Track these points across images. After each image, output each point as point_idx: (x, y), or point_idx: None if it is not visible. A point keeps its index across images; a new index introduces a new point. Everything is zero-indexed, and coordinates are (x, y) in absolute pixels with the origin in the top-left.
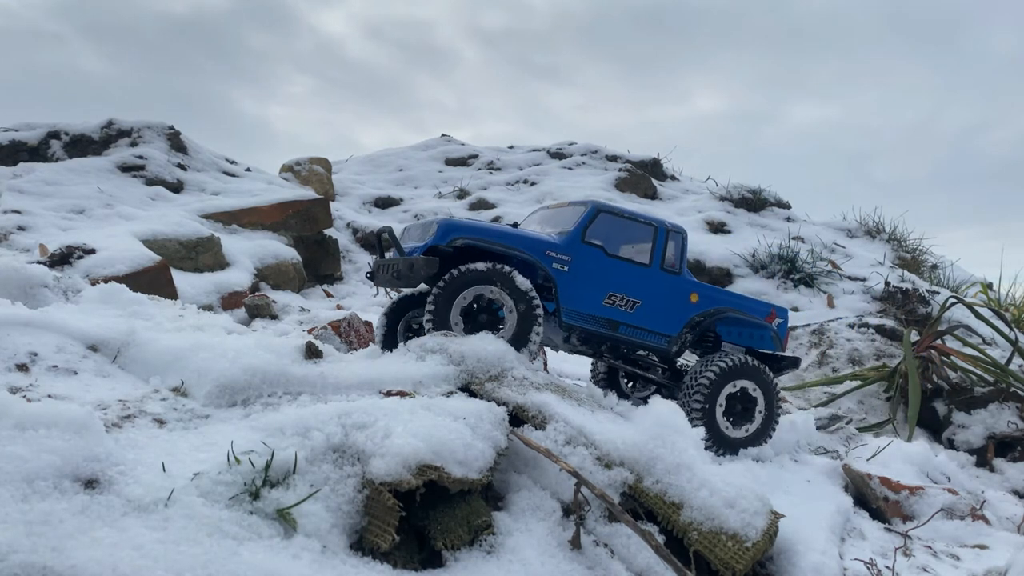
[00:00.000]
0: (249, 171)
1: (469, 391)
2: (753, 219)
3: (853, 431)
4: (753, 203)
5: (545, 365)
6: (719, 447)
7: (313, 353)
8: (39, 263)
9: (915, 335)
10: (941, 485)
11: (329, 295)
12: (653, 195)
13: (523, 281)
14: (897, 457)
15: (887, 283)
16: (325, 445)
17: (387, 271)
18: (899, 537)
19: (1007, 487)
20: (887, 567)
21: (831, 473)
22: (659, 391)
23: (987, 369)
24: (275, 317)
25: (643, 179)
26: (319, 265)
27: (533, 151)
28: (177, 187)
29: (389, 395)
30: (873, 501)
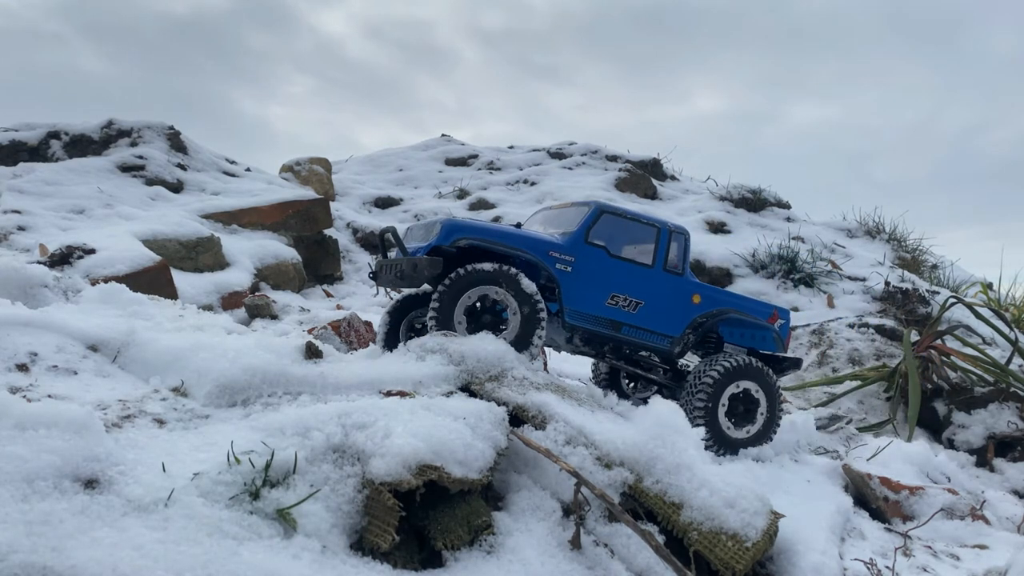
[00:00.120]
0: (249, 171)
1: (469, 391)
2: (753, 219)
3: (853, 431)
4: (753, 203)
5: (545, 365)
6: (720, 447)
7: (313, 353)
8: (39, 263)
9: (915, 335)
10: (941, 485)
11: (329, 295)
12: (653, 195)
13: (528, 284)
14: (897, 457)
15: (887, 283)
16: (325, 445)
17: (390, 271)
18: (899, 537)
19: (1007, 487)
20: (887, 567)
21: (831, 473)
22: (660, 391)
23: (987, 369)
24: (275, 317)
25: (643, 179)
26: (319, 265)
27: (533, 151)
28: (177, 187)
29: (389, 395)
30: (873, 501)
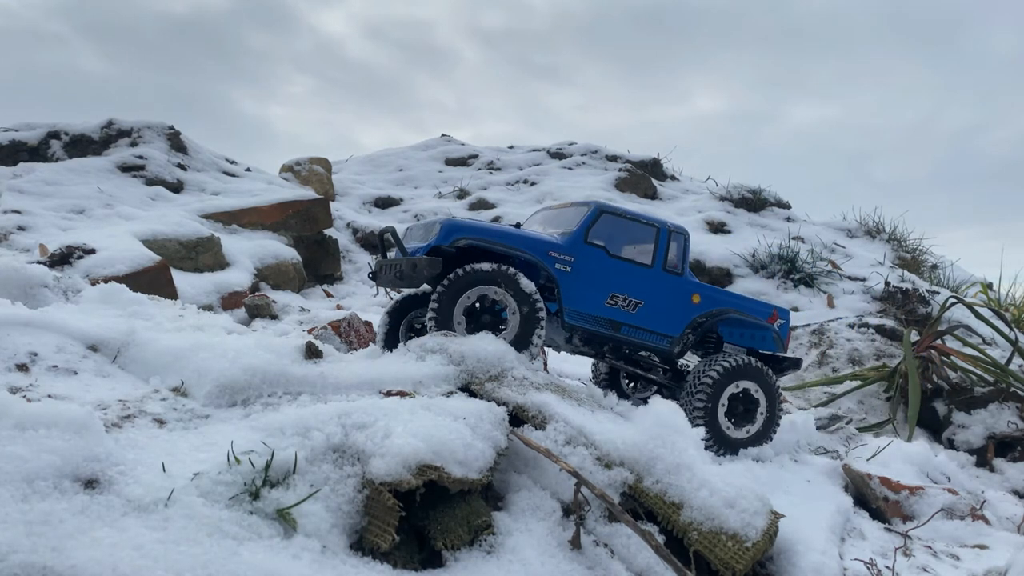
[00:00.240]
0: (249, 171)
1: (469, 391)
2: (753, 219)
3: (853, 431)
4: (753, 203)
5: (545, 365)
6: (720, 447)
7: (313, 353)
8: (39, 263)
9: (915, 335)
10: (941, 485)
11: (329, 295)
12: (653, 195)
13: (527, 283)
14: (897, 457)
15: (887, 283)
16: (325, 445)
17: (390, 271)
18: (899, 537)
19: (1007, 487)
20: (887, 567)
21: (831, 473)
22: (660, 391)
23: (987, 369)
24: (275, 317)
25: (643, 179)
26: (319, 265)
27: (533, 151)
28: (177, 187)
29: (389, 395)
30: (873, 501)
